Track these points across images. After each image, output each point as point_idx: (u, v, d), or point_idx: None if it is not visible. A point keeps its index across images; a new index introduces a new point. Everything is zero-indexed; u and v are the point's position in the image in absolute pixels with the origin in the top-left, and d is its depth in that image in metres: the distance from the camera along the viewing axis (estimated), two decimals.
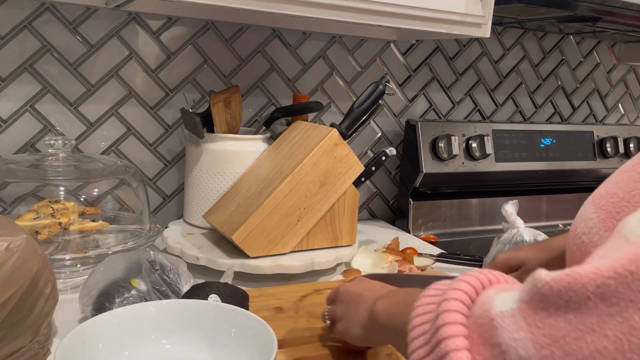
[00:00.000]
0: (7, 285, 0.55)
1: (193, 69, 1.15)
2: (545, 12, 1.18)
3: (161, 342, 0.62)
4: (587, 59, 1.60)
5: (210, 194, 1.03)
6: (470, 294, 0.39)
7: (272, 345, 0.56)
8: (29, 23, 1.01)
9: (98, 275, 0.72)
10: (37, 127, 1.05)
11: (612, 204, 0.40)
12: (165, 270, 0.74)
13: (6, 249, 0.56)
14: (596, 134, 1.52)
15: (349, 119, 0.97)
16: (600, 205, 0.41)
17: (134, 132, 1.13)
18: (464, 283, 0.40)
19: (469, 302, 0.39)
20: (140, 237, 0.95)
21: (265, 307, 0.79)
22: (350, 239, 1.00)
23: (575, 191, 1.51)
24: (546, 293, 0.33)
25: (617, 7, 1.13)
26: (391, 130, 1.37)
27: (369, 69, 1.31)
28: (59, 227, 0.86)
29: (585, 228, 0.42)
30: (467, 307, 0.39)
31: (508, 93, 1.50)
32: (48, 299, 0.61)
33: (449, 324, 0.37)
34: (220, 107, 1.03)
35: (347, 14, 0.90)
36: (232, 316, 0.63)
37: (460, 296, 0.39)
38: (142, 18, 1.09)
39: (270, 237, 0.90)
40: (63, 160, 0.92)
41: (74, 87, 1.07)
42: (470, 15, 0.99)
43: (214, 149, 1.02)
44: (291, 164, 0.93)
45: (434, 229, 1.33)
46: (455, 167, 1.31)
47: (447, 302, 0.39)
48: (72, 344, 0.54)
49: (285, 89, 1.24)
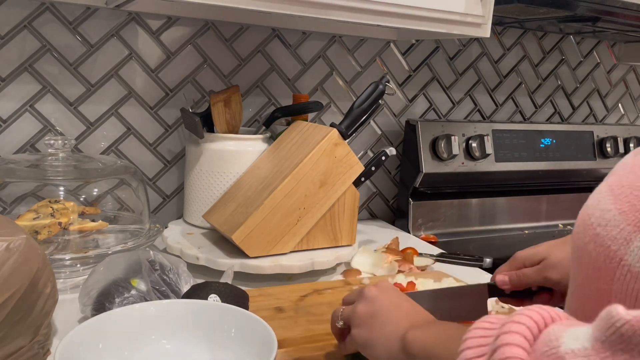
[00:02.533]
0: (7, 285, 0.55)
1: (193, 69, 1.15)
2: (545, 12, 1.18)
3: (161, 342, 0.62)
4: (587, 59, 1.60)
5: (210, 194, 1.03)
6: (532, 329, 0.36)
7: (272, 345, 0.56)
8: (29, 23, 1.01)
9: (98, 275, 0.72)
10: (37, 127, 1.05)
11: (637, 197, 0.37)
12: (165, 270, 0.74)
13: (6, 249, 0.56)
14: (596, 134, 1.52)
15: (349, 119, 0.97)
16: (622, 197, 0.38)
17: (134, 132, 1.13)
18: (525, 317, 0.37)
19: (531, 338, 0.36)
20: (140, 237, 0.95)
21: (265, 307, 0.79)
22: (350, 238, 1.00)
23: (575, 191, 1.51)
24: (626, 333, 0.30)
25: (617, 7, 1.13)
26: (391, 130, 1.37)
27: (369, 68, 1.31)
28: (58, 227, 0.86)
29: (601, 219, 0.39)
30: (529, 343, 0.36)
31: (508, 93, 1.50)
32: (48, 299, 0.61)
33: (509, 358, 0.34)
34: (220, 107, 1.03)
35: (347, 14, 0.90)
36: (232, 316, 0.63)
37: (521, 330, 0.36)
38: (142, 18, 1.09)
39: (270, 237, 0.90)
40: (63, 160, 0.92)
41: (74, 87, 1.07)
42: (470, 15, 0.99)
43: (214, 149, 1.02)
44: (291, 164, 0.93)
45: (433, 229, 1.33)
46: (455, 167, 1.31)
47: (507, 335, 0.36)
48: (72, 344, 0.54)
49: (285, 89, 1.24)
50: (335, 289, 0.88)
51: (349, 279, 0.94)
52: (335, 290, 0.87)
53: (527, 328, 0.36)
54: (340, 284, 0.91)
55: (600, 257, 0.38)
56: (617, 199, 0.39)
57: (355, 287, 0.89)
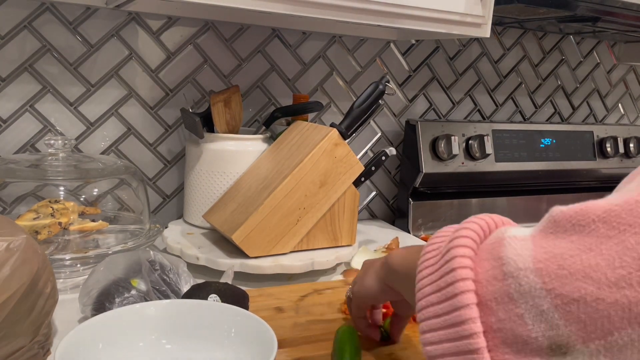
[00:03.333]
0: (7, 285, 0.55)
1: (193, 69, 1.15)
2: (545, 12, 1.18)
3: (161, 342, 0.62)
4: (587, 59, 1.60)
5: (210, 194, 1.03)
6: (484, 228, 0.43)
7: (272, 345, 0.56)
8: (29, 23, 1.01)
9: (98, 275, 0.72)
10: (37, 127, 1.05)
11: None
12: (165, 270, 0.74)
13: (6, 249, 0.56)
14: (596, 134, 1.52)
15: (349, 119, 0.97)
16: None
17: (134, 132, 1.13)
18: (473, 223, 0.43)
19: (477, 239, 0.42)
20: (140, 237, 0.95)
21: (265, 307, 0.79)
22: (350, 238, 1.00)
23: (575, 191, 1.51)
24: (557, 219, 0.36)
25: (617, 7, 1.13)
26: (391, 130, 1.37)
27: (369, 69, 1.31)
28: (58, 227, 0.86)
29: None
30: (480, 238, 0.42)
31: (508, 93, 1.50)
32: (48, 299, 0.61)
33: (458, 256, 0.40)
34: (220, 107, 1.03)
35: (347, 14, 0.90)
36: (232, 316, 0.63)
37: (469, 234, 0.42)
38: (142, 18, 1.09)
39: (270, 237, 0.90)
40: (63, 160, 0.92)
41: (74, 87, 1.07)
42: (470, 15, 0.99)
43: (214, 149, 1.02)
44: (291, 164, 0.93)
45: (433, 229, 1.33)
46: (455, 167, 1.31)
47: (457, 239, 0.41)
48: (72, 344, 0.54)
49: (285, 89, 1.24)
50: (335, 289, 0.88)
51: (349, 279, 0.94)
52: (335, 290, 0.87)
53: (474, 232, 0.42)
54: (340, 284, 0.91)
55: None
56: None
57: None
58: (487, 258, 0.38)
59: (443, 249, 0.42)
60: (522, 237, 0.38)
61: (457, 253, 0.40)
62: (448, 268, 0.40)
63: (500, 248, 0.38)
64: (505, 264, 0.36)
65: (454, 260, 0.40)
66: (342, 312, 0.79)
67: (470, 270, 0.39)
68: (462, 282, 0.38)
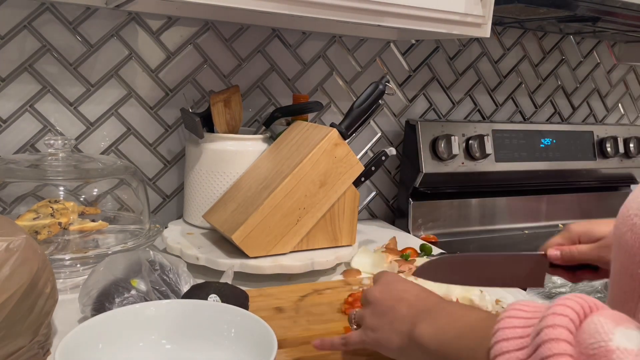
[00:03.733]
0: (7, 285, 0.55)
1: (193, 69, 1.15)
2: (545, 12, 1.18)
3: (161, 342, 0.62)
4: (587, 59, 1.60)
5: (210, 194, 1.03)
6: (574, 320, 0.36)
7: (272, 345, 0.56)
8: (29, 23, 1.01)
9: (98, 275, 0.72)
10: (37, 127, 1.05)
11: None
12: (165, 270, 0.74)
13: (6, 249, 0.56)
14: (596, 134, 1.52)
15: (349, 119, 0.97)
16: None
17: (134, 132, 1.13)
18: (567, 308, 0.36)
19: (574, 330, 0.35)
20: (140, 237, 0.95)
21: (265, 307, 0.79)
22: (350, 239, 1.00)
23: (575, 191, 1.52)
24: None
25: (617, 7, 1.13)
26: (391, 130, 1.37)
27: (369, 68, 1.31)
28: (58, 227, 0.86)
29: (638, 210, 0.40)
30: (573, 336, 0.35)
31: (508, 93, 1.50)
32: (48, 299, 0.61)
33: (557, 355, 0.34)
34: (220, 107, 1.03)
35: (347, 14, 0.90)
36: (231, 316, 0.63)
37: (564, 323, 0.35)
38: (142, 18, 1.09)
39: (270, 237, 0.90)
40: (63, 160, 0.92)
41: (74, 87, 1.07)
42: (470, 15, 0.99)
43: (214, 149, 1.02)
44: (291, 164, 0.93)
45: (433, 229, 1.33)
46: (455, 167, 1.31)
47: (550, 329, 0.35)
48: (72, 344, 0.54)
49: (285, 89, 1.24)
50: (335, 289, 0.88)
51: (348, 279, 0.94)
52: (335, 290, 0.87)
53: (570, 320, 0.35)
54: (340, 284, 0.91)
55: (636, 244, 0.39)
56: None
57: (355, 288, 0.89)
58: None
59: (532, 332, 0.36)
60: (636, 352, 0.32)
61: (555, 350, 0.34)
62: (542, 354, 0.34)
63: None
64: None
65: (549, 344, 0.34)
66: (342, 312, 0.79)
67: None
68: None
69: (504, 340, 0.37)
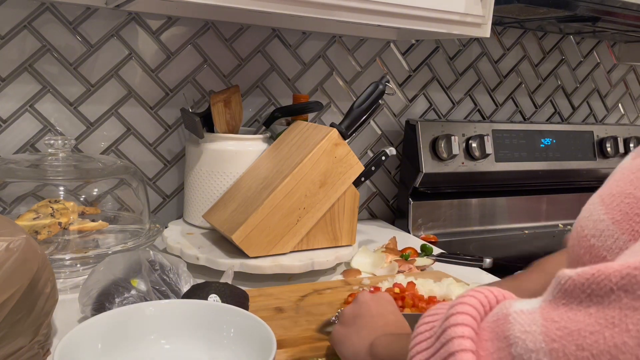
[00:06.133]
0: (7, 285, 0.55)
1: (193, 69, 1.15)
2: (545, 12, 1.18)
3: (161, 342, 0.62)
4: (587, 58, 1.60)
5: (210, 194, 1.03)
6: (478, 308, 0.37)
7: (271, 345, 0.56)
8: (29, 23, 1.01)
9: (98, 275, 0.72)
10: (37, 127, 1.05)
11: (629, 205, 0.37)
12: (165, 270, 0.74)
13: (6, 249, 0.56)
14: (596, 134, 1.52)
15: (349, 119, 0.97)
16: (613, 206, 0.38)
17: (134, 132, 1.13)
18: (471, 297, 0.37)
19: (478, 316, 0.36)
20: (140, 237, 0.95)
21: (265, 307, 0.79)
22: (350, 238, 1.00)
23: (575, 191, 1.51)
24: (569, 288, 0.32)
25: (617, 7, 1.13)
26: (391, 130, 1.37)
27: (369, 68, 1.31)
28: (58, 227, 0.86)
29: (595, 230, 0.38)
30: (477, 321, 0.36)
31: (508, 93, 1.50)
32: (48, 299, 0.61)
33: (456, 325, 0.35)
34: (220, 107, 1.03)
35: (347, 14, 0.90)
36: (231, 316, 0.63)
37: (467, 310, 0.36)
38: (142, 18, 1.09)
39: (270, 237, 0.90)
40: (63, 160, 0.92)
41: (74, 87, 1.07)
42: (470, 15, 0.99)
43: (214, 149, 1.02)
44: (291, 164, 0.93)
45: (433, 229, 1.33)
46: (455, 167, 1.31)
47: (454, 316, 0.36)
48: (72, 344, 0.54)
49: (285, 89, 1.24)
50: (335, 289, 0.88)
51: (348, 279, 0.94)
52: (335, 290, 0.87)
53: (472, 307, 0.36)
54: (340, 284, 0.91)
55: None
56: (609, 208, 0.38)
57: (355, 287, 0.89)
58: (490, 338, 0.34)
59: (437, 330, 0.37)
60: (530, 310, 0.33)
61: (455, 333, 0.35)
62: (445, 353, 0.34)
63: (505, 326, 0.33)
64: (512, 344, 0.32)
65: (451, 343, 0.34)
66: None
67: (472, 354, 0.34)
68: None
69: (416, 345, 0.39)
